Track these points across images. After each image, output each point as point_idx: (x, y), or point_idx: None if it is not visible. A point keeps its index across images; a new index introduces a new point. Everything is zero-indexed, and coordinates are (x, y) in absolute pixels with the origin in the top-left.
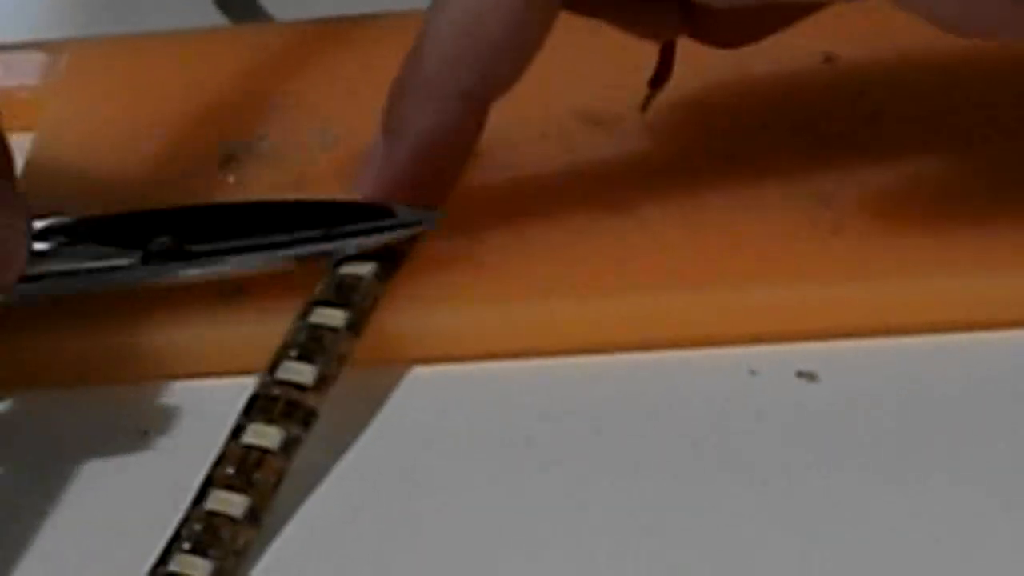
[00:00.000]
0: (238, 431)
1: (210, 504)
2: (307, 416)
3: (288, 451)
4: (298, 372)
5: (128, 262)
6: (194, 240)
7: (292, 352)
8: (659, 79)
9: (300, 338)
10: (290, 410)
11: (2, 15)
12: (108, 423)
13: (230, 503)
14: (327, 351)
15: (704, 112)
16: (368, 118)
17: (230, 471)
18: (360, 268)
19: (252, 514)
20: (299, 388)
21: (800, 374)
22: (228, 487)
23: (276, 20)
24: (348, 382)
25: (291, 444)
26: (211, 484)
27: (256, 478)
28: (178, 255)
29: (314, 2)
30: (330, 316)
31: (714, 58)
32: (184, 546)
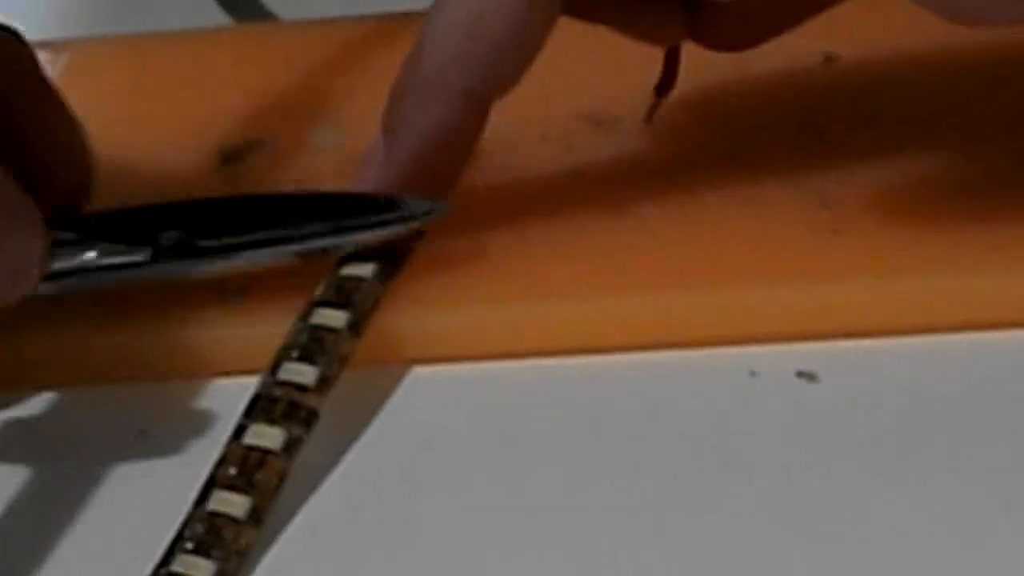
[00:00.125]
0: (240, 432)
1: (212, 505)
2: (308, 417)
3: (290, 452)
4: (299, 373)
5: (139, 259)
6: (203, 235)
7: (293, 353)
8: (664, 87)
9: (301, 339)
10: (291, 411)
11: (3, 15)
12: (108, 423)
13: (232, 504)
14: (328, 352)
15: (704, 112)
16: (370, 118)
17: (232, 472)
18: (361, 269)
19: (254, 514)
20: (300, 389)
21: (800, 374)
22: (230, 488)
23: (280, 20)
24: (349, 383)
25: (293, 445)
26: (213, 485)
27: (258, 479)
28: (188, 251)
29: (317, 2)
30: (331, 317)
31: (714, 58)
32: (187, 546)
